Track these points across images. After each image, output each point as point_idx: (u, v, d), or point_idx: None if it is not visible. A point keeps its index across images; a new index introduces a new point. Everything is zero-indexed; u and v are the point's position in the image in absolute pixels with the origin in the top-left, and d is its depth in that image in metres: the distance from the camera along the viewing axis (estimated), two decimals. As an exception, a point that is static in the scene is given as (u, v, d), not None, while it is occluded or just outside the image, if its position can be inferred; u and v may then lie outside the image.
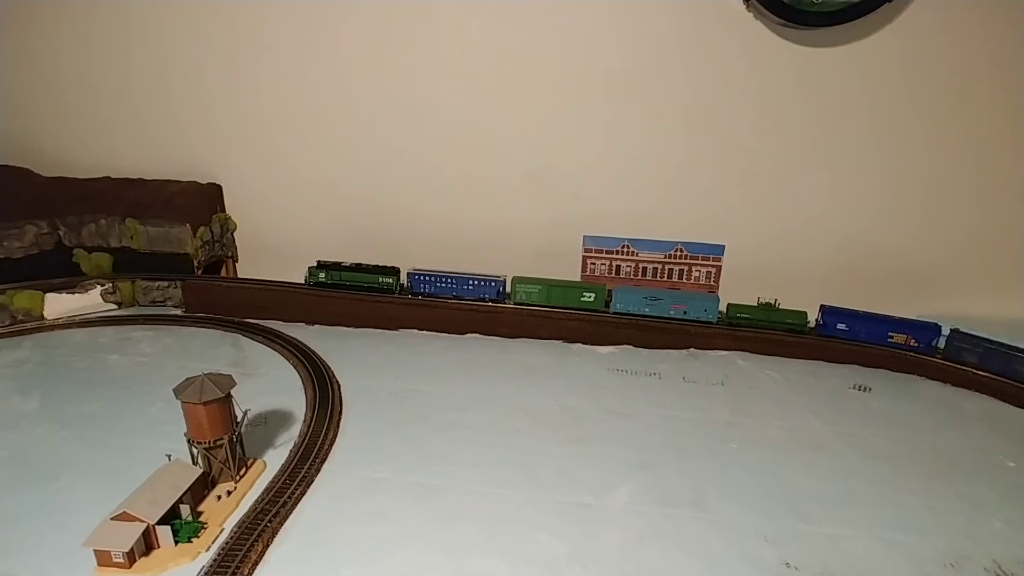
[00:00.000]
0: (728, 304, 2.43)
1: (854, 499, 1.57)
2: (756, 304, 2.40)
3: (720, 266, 2.54)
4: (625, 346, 2.35)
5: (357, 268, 2.57)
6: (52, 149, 2.95)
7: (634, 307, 2.42)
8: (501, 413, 1.91)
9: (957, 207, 2.42)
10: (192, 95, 2.76)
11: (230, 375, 1.51)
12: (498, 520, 1.47)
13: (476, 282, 2.48)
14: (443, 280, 2.50)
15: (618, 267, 2.63)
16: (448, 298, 2.49)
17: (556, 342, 2.39)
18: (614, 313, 2.40)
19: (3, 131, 2.99)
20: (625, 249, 2.60)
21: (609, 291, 2.47)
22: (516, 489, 1.57)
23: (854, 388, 2.09)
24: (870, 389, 2.08)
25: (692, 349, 2.33)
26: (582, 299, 2.44)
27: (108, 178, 2.86)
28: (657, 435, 1.82)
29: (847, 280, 2.57)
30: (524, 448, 1.74)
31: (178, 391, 1.46)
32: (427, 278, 2.51)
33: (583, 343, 2.38)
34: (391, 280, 2.53)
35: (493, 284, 2.47)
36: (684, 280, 2.58)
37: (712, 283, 2.57)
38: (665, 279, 2.60)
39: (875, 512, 1.53)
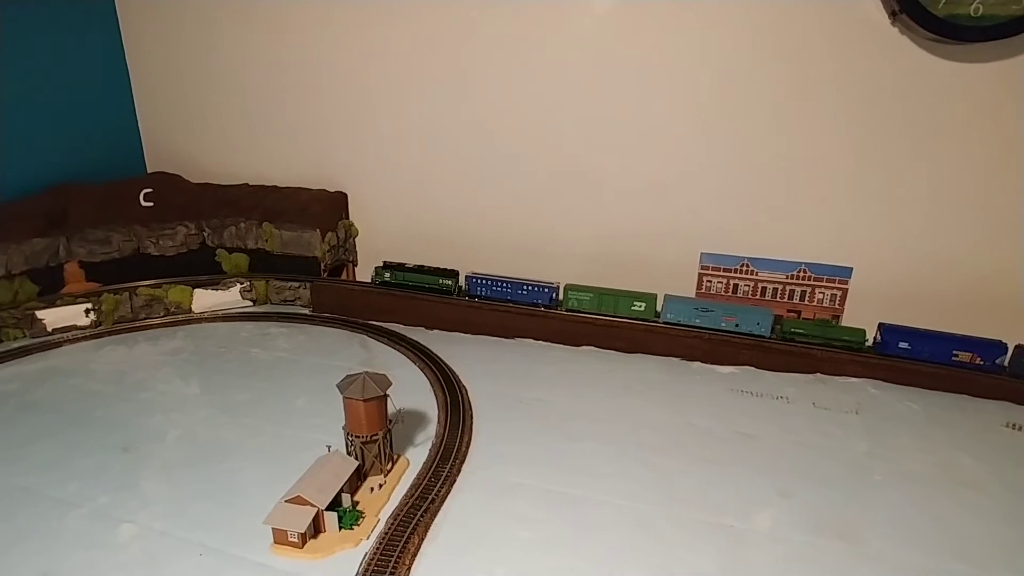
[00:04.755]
0: (784, 319, 2.36)
1: None
2: (812, 319, 2.33)
3: (847, 289, 2.45)
4: (747, 367, 2.29)
5: (419, 269, 2.72)
6: (200, 158, 3.24)
7: (685, 317, 2.38)
8: (627, 427, 1.91)
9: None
10: (324, 112, 2.96)
11: (385, 375, 1.60)
12: (640, 534, 1.47)
13: (529, 287, 2.55)
14: (499, 284, 2.59)
15: (735, 286, 2.57)
16: (506, 301, 2.58)
17: (674, 359, 2.36)
18: (735, 332, 2.36)
19: (159, 141, 3.32)
20: (744, 268, 2.55)
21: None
22: (654, 504, 1.57)
23: (1007, 426, 1.95)
24: (1026, 428, 1.94)
25: (819, 374, 2.25)
26: (632, 308, 2.44)
27: (247, 185, 3.10)
28: (792, 461, 1.77)
29: (964, 305, 2.40)
30: (655, 464, 1.74)
31: (342, 387, 1.56)
32: (484, 281, 2.62)
33: (701, 362, 2.34)
34: (450, 282, 2.65)
35: (546, 290, 2.53)
36: (806, 302, 2.50)
37: (837, 306, 2.47)
38: (786, 300, 2.52)
39: (1049, 562, 1.43)
